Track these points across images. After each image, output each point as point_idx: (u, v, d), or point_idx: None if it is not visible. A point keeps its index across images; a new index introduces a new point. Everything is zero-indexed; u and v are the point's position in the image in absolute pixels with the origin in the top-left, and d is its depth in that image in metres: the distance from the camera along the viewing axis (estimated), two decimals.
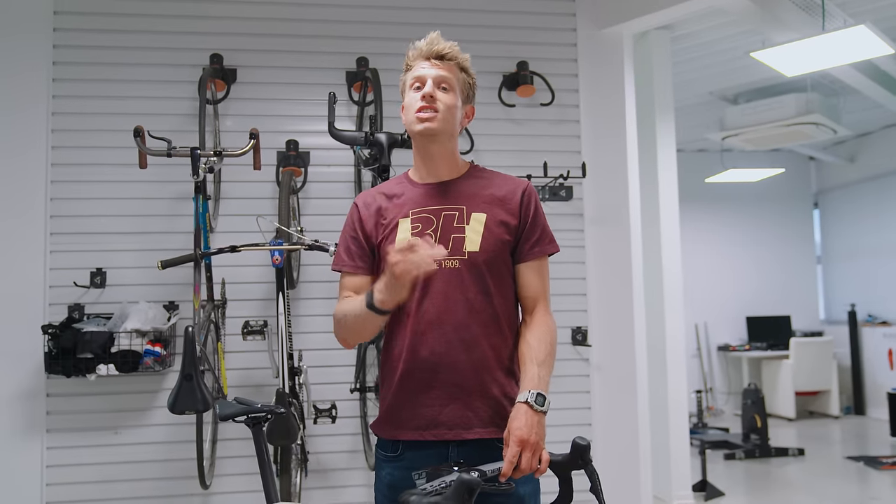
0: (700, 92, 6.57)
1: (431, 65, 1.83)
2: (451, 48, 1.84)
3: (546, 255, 1.85)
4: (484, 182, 1.87)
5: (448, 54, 1.84)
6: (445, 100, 1.81)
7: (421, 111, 1.80)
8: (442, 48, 1.83)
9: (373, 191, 1.94)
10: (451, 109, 1.82)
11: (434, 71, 1.82)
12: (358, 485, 3.68)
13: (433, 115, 1.79)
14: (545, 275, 1.86)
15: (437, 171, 1.87)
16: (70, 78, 3.63)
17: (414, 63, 1.86)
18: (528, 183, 1.90)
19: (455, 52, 1.85)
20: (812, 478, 6.03)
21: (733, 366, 9.13)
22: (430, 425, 1.74)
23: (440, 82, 1.82)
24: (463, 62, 1.87)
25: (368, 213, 1.87)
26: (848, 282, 9.16)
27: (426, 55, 1.83)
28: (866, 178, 8.71)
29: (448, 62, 1.84)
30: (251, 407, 2.17)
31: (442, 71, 1.82)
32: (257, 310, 3.64)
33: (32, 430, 3.44)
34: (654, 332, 4.55)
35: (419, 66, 1.84)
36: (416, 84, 1.83)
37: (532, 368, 1.69)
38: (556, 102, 3.97)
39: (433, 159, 1.86)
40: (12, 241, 3.50)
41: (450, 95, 1.82)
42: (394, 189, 1.90)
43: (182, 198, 3.61)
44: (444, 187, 1.85)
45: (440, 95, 1.81)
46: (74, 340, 3.25)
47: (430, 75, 1.82)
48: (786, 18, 4.38)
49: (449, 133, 1.83)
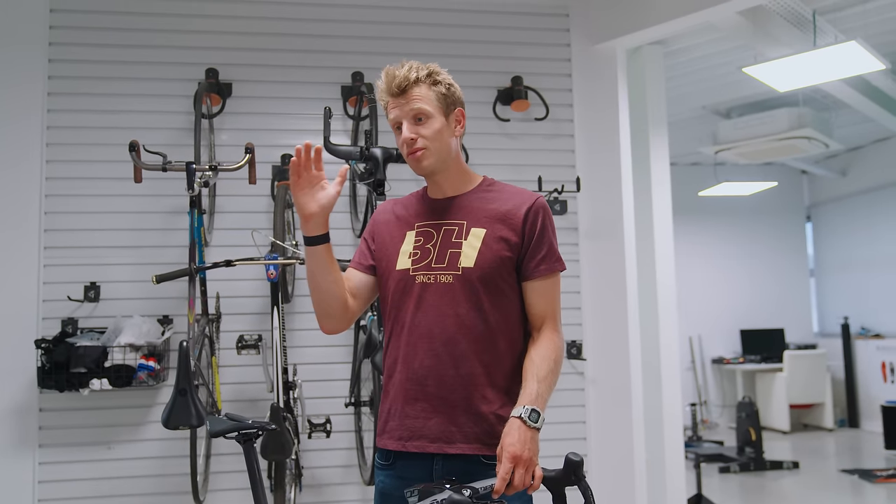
0: (693, 106, 6.61)
1: (397, 103, 1.79)
2: (407, 76, 1.77)
3: (553, 274, 1.83)
4: (491, 197, 1.87)
5: (408, 84, 1.77)
6: (427, 133, 1.79)
7: (410, 155, 1.81)
8: (400, 81, 1.77)
9: (393, 201, 2.01)
10: (437, 138, 1.80)
11: (401, 109, 1.79)
12: (353, 500, 3.66)
13: (421, 153, 1.79)
14: (552, 293, 1.83)
15: (444, 190, 1.89)
16: (65, 92, 3.63)
17: (384, 99, 1.83)
18: (537, 198, 1.85)
19: (415, 75, 1.78)
20: (807, 491, 6.03)
21: (727, 379, 9.14)
22: (414, 437, 1.76)
23: (413, 116, 1.78)
24: (431, 76, 1.81)
25: (383, 220, 1.95)
26: (841, 295, 9.19)
27: (390, 92, 1.80)
28: (858, 191, 8.76)
29: (415, 88, 1.78)
30: (242, 423, 2.17)
31: (410, 104, 1.78)
32: (252, 324, 3.63)
33: (25, 446, 3.42)
34: (648, 345, 4.54)
35: (389, 107, 1.81)
36: (395, 126, 1.82)
37: (531, 385, 1.69)
38: (550, 117, 3.99)
39: (436, 182, 1.89)
40: (6, 255, 3.49)
41: (429, 125, 1.79)
42: (411, 202, 1.95)
43: (177, 212, 3.61)
44: (449, 203, 1.87)
45: (421, 131, 1.78)
46: (68, 355, 3.24)
47: (402, 116, 1.79)
48: (777, 34, 4.42)
49: (444, 159, 1.83)
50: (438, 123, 1.80)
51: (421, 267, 1.80)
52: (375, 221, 1.96)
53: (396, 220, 1.91)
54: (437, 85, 1.81)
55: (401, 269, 1.82)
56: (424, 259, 1.80)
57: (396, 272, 1.82)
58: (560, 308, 1.86)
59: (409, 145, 1.79)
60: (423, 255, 1.81)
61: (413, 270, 1.80)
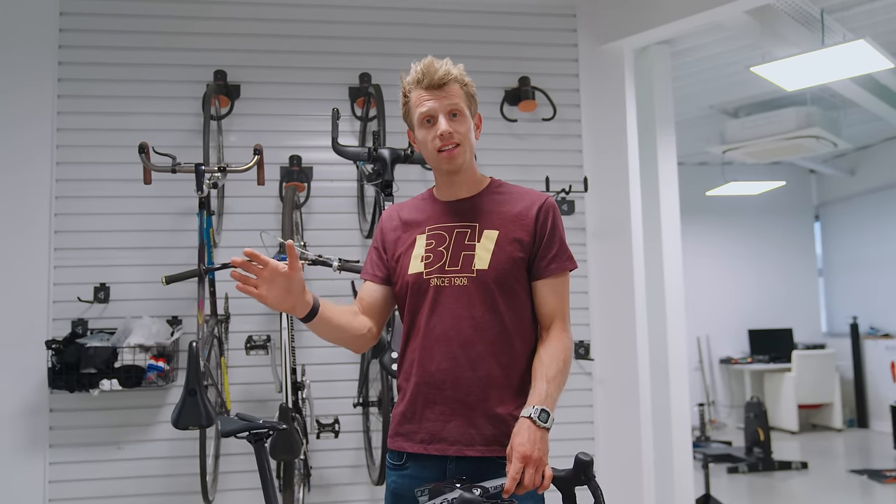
0: (701, 106, 6.59)
1: (434, 96, 1.77)
2: (449, 71, 1.78)
3: (564, 272, 1.83)
4: (502, 198, 1.87)
5: (449, 79, 1.78)
6: (461, 129, 1.79)
7: (442, 150, 1.78)
8: (442, 75, 1.77)
9: (398, 205, 1.98)
10: (468, 137, 1.81)
11: (440, 102, 1.77)
12: (361, 500, 3.67)
13: (455, 149, 1.79)
14: (563, 292, 1.84)
15: (457, 192, 1.88)
16: (75, 94, 3.65)
17: (413, 92, 1.81)
18: (546, 198, 1.86)
19: (453, 72, 1.79)
20: (816, 491, 6.01)
21: (735, 379, 9.11)
22: (433, 440, 1.76)
23: (450, 111, 1.78)
24: (462, 77, 1.82)
25: (391, 227, 1.92)
26: (850, 294, 9.15)
27: (426, 85, 1.78)
28: (867, 190, 8.73)
29: (453, 85, 1.79)
30: (253, 423, 2.17)
31: (449, 98, 1.78)
32: (260, 325, 3.64)
33: (35, 446, 3.44)
34: (656, 345, 4.53)
35: (422, 99, 1.78)
36: (426, 119, 1.79)
37: (541, 385, 1.70)
38: (557, 117, 3.99)
39: (454, 183, 1.87)
40: (16, 257, 3.51)
41: (462, 121, 1.80)
42: (417, 205, 1.94)
43: (186, 213, 3.62)
44: (460, 205, 1.86)
45: (455, 126, 1.78)
46: (78, 355, 3.26)
47: (439, 109, 1.77)
48: (785, 33, 4.41)
49: (470, 158, 1.84)
50: (469, 123, 1.82)
51: (434, 270, 1.79)
52: (383, 229, 1.94)
53: (405, 225, 1.90)
54: (466, 86, 1.83)
55: (414, 272, 1.81)
56: (437, 262, 1.80)
57: (409, 276, 1.82)
58: (569, 307, 1.86)
59: (446, 139, 1.77)
60: (435, 258, 1.80)
61: (426, 274, 1.80)
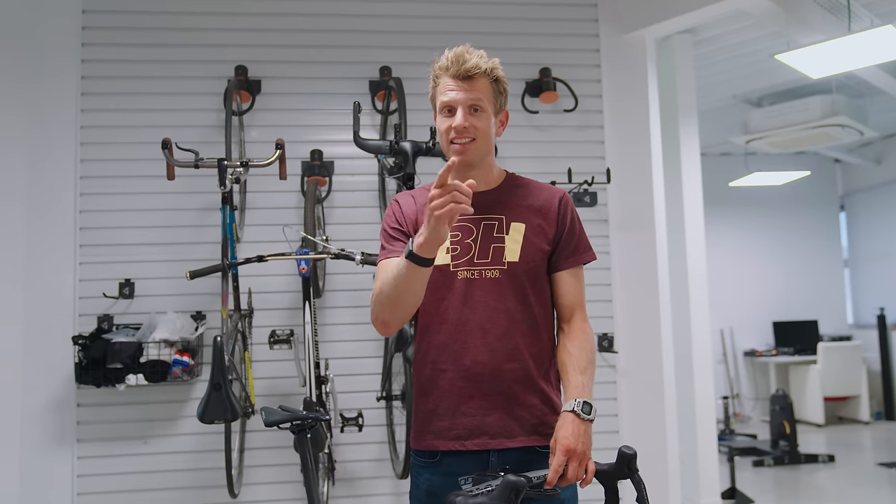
0: (724, 95, 6.51)
1: (459, 87, 1.73)
2: (478, 65, 1.73)
3: (583, 264, 1.85)
4: (522, 191, 1.86)
5: (478, 73, 1.73)
6: (479, 124, 1.75)
7: (455, 142, 1.75)
8: (470, 67, 1.72)
9: (410, 192, 1.92)
10: (485, 132, 1.77)
11: (463, 95, 1.73)
12: (385, 493, 3.68)
13: (467, 143, 1.75)
14: (581, 283, 1.85)
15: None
16: (98, 91, 3.68)
17: (441, 78, 1.77)
18: (564, 192, 1.89)
19: (485, 66, 1.75)
20: (843, 485, 5.93)
21: (760, 371, 9.01)
22: (472, 434, 1.74)
23: (471, 105, 1.74)
24: (493, 72, 1.77)
25: (410, 209, 1.85)
26: (876, 285, 9.01)
27: (453, 74, 1.74)
28: (893, 179, 8.58)
29: (481, 79, 1.75)
30: (297, 414, 2.19)
31: (471, 93, 1.73)
32: (284, 319, 3.65)
33: (63, 440, 3.48)
34: (680, 337, 4.50)
35: (447, 87, 1.75)
36: (446, 108, 1.76)
37: (576, 377, 1.69)
38: (579, 108, 3.96)
39: (467, 177, 1.79)
40: (43, 254, 3.55)
41: (482, 117, 1.76)
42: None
43: (209, 208, 3.64)
44: (482, 197, 1.79)
45: (472, 120, 1.74)
46: (104, 351, 3.29)
47: (459, 101, 1.74)
48: (811, 20, 4.33)
49: (484, 154, 1.81)
50: (489, 119, 1.78)
51: (462, 262, 1.77)
52: (402, 207, 1.86)
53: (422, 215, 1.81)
54: (496, 83, 1.79)
55: (439, 264, 1.74)
56: (466, 254, 1.78)
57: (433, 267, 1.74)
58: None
59: (459, 133, 1.74)
60: (463, 251, 1.78)
61: (454, 266, 1.77)
